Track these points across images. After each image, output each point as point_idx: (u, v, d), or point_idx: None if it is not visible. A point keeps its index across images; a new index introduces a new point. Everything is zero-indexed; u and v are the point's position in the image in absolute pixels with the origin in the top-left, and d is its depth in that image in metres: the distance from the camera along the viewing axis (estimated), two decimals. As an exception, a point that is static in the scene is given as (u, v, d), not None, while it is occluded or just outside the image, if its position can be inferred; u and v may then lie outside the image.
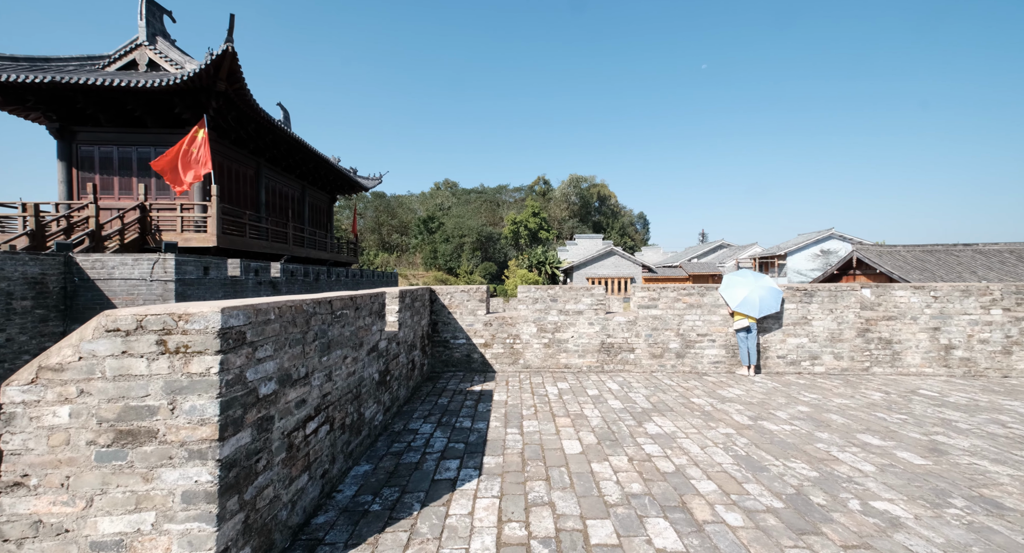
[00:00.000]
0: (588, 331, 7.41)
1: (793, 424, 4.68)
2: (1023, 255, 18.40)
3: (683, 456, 3.87)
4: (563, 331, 7.44)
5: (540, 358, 7.45)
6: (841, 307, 7.17)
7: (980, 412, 5.04)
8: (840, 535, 2.67)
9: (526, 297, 7.56)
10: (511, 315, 7.59)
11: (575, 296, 7.48)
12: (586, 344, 7.40)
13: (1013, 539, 2.61)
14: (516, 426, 4.68)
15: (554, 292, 7.52)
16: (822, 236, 32.72)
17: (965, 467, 3.60)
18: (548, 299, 7.50)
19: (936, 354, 7.01)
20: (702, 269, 37.41)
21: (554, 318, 7.47)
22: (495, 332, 7.52)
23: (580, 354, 7.41)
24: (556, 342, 7.44)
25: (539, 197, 69.54)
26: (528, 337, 7.48)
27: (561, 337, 7.44)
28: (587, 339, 7.41)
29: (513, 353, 7.49)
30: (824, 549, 2.54)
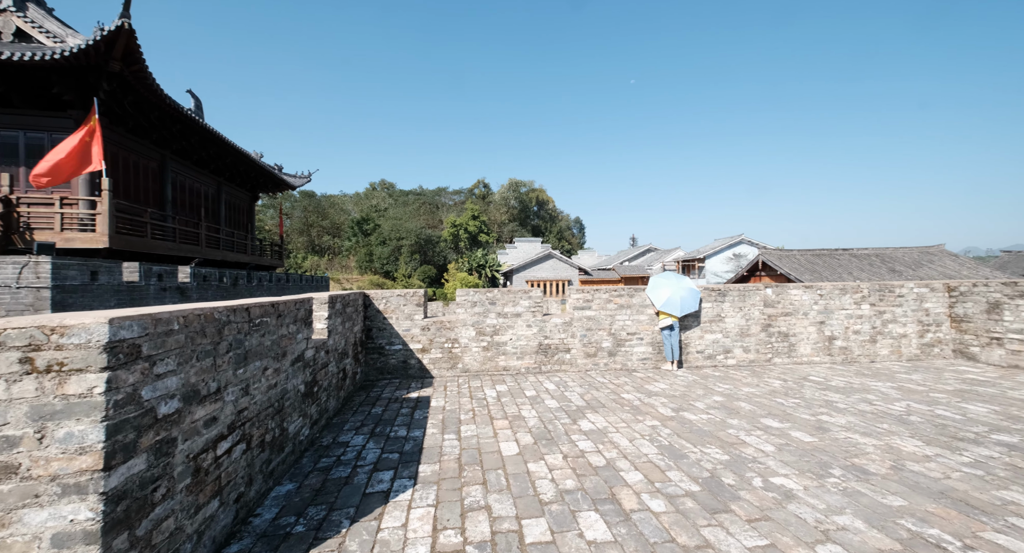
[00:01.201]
0: (526, 333, 7.54)
1: (709, 413, 5.13)
2: (886, 259, 21.78)
3: (614, 450, 4.07)
4: (502, 334, 7.50)
5: (479, 361, 7.44)
6: (749, 305, 8.00)
7: (854, 393, 5.88)
8: (745, 511, 2.97)
9: (465, 300, 7.52)
10: (450, 319, 7.50)
11: (513, 299, 7.58)
12: (524, 346, 7.52)
13: (875, 499, 3.08)
14: (454, 431, 4.62)
15: (493, 295, 7.56)
16: (734, 241, 36.27)
17: (842, 441, 4.17)
18: (487, 302, 7.52)
19: (822, 344, 8.06)
20: (632, 272, 39.73)
21: (493, 321, 7.50)
22: (433, 337, 7.38)
23: (518, 356, 7.51)
24: (495, 345, 7.48)
25: (479, 200, 69.58)
26: (467, 341, 7.44)
27: (500, 340, 7.49)
28: (525, 341, 7.53)
29: (452, 357, 7.40)
30: (732, 525, 2.81)
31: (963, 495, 3.11)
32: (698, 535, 2.70)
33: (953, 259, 22.22)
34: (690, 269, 38.15)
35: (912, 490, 3.20)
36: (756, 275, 24.15)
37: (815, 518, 2.86)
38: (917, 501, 3.05)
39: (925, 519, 2.82)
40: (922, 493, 3.16)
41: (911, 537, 2.63)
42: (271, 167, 21.65)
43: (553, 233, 67.16)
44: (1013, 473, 3.43)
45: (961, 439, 4.16)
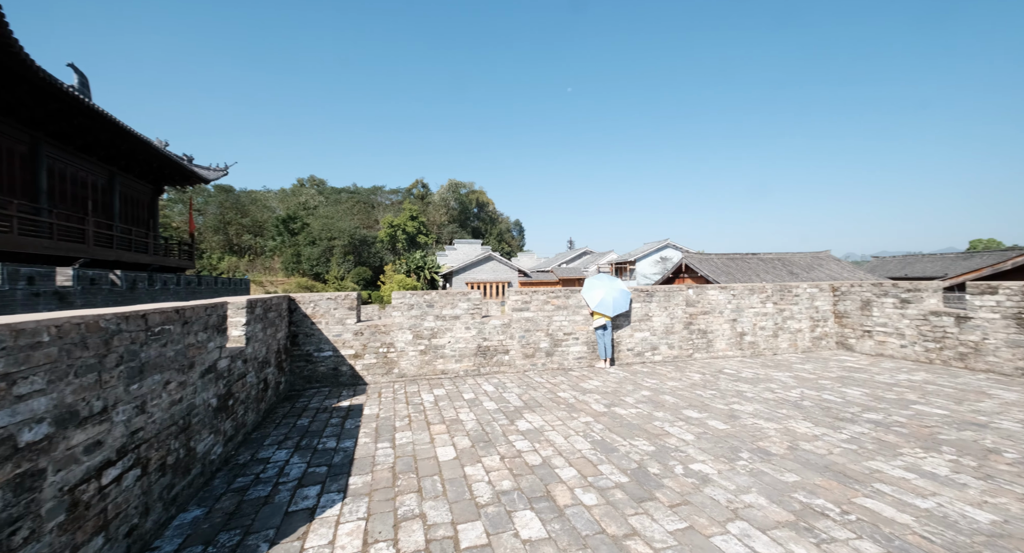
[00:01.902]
0: (465, 335, 7.48)
1: (638, 407, 5.44)
2: (785, 262, 24.60)
3: (549, 448, 4.17)
4: (440, 337, 7.37)
5: (416, 366, 7.25)
6: (673, 305, 8.62)
7: (760, 383, 6.57)
8: (668, 497, 3.19)
9: (401, 303, 7.29)
10: (385, 323, 7.22)
11: (452, 301, 7.49)
12: (463, 348, 7.46)
13: (775, 477, 3.46)
14: (388, 439, 4.45)
15: (431, 297, 7.41)
16: (661, 245, 38.96)
17: (750, 427, 4.64)
18: (424, 304, 7.35)
19: (735, 340, 8.92)
20: (570, 273, 41.12)
21: (431, 324, 7.35)
22: (367, 341, 7.06)
23: (457, 359, 7.43)
24: (433, 348, 7.33)
25: (417, 200, 67.99)
26: (403, 345, 7.21)
27: (438, 343, 7.36)
28: (464, 343, 7.47)
29: (387, 363, 7.13)
30: (656, 511, 3.00)
31: (842, 468, 3.60)
32: (626, 524, 2.85)
33: (836, 263, 25.73)
34: (622, 271, 40.29)
35: (804, 466, 3.64)
36: (680, 277, 26.13)
37: (727, 498, 3.14)
38: (807, 476, 3.47)
39: (813, 491, 3.22)
40: (811, 468, 3.60)
41: (802, 508, 2.99)
42: (178, 157, 19.42)
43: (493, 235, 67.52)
44: (879, 446, 4.04)
45: (841, 419, 4.81)
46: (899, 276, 31.30)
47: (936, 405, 5.22)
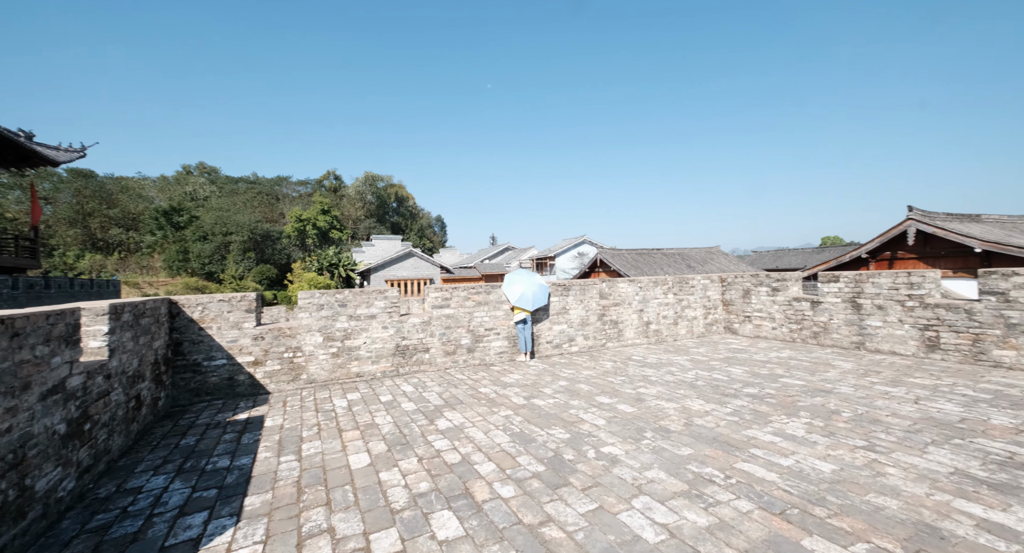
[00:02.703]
0: (382, 335, 7.15)
1: (555, 397, 5.65)
2: (684, 257, 27.35)
3: (469, 444, 4.15)
4: (354, 338, 6.95)
5: (327, 370, 6.76)
6: (588, 298, 9.10)
7: (662, 367, 7.23)
8: (581, 481, 3.35)
9: (310, 304, 6.72)
10: (292, 325, 6.61)
11: (368, 299, 7.09)
12: (380, 349, 7.12)
13: (673, 452, 3.82)
14: (293, 452, 4.08)
15: (343, 296, 6.94)
16: (578, 241, 41.00)
17: (653, 408, 5.08)
18: (336, 304, 6.87)
19: (642, 329, 9.70)
20: (493, 269, 41.49)
21: (344, 324, 6.89)
22: (269, 346, 6.40)
23: (374, 360, 7.07)
24: (346, 350, 6.89)
25: (330, 193, 63.43)
26: (313, 348, 6.67)
27: (352, 344, 6.93)
28: (381, 344, 7.13)
29: (294, 368, 6.54)
30: (570, 496, 3.14)
31: (726, 438, 4.10)
32: (542, 512, 2.94)
33: (725, 257, 29.29)
34: (543, 266, 41.67)
35: (696, 440, 4.07)
36: (595, 271, 27.76)
37: (632, 476, 3.40)
38: (699, 448, 3.89)
39: (703, 461, 3.62)
40: (703, 441, 4.04)
41: (694, 477, 3.34)
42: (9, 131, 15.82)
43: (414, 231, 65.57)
44: (755, 416, 4.67)
45: (726, 395, 5.48)
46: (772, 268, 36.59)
47: (797, 377, 6.18)
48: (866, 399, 5.05)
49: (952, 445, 3.71)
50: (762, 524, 2.70)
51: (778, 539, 2.55)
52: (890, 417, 4.43)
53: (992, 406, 4.64)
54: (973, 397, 4.96)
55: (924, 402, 4.86)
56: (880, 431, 4.08)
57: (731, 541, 2.55)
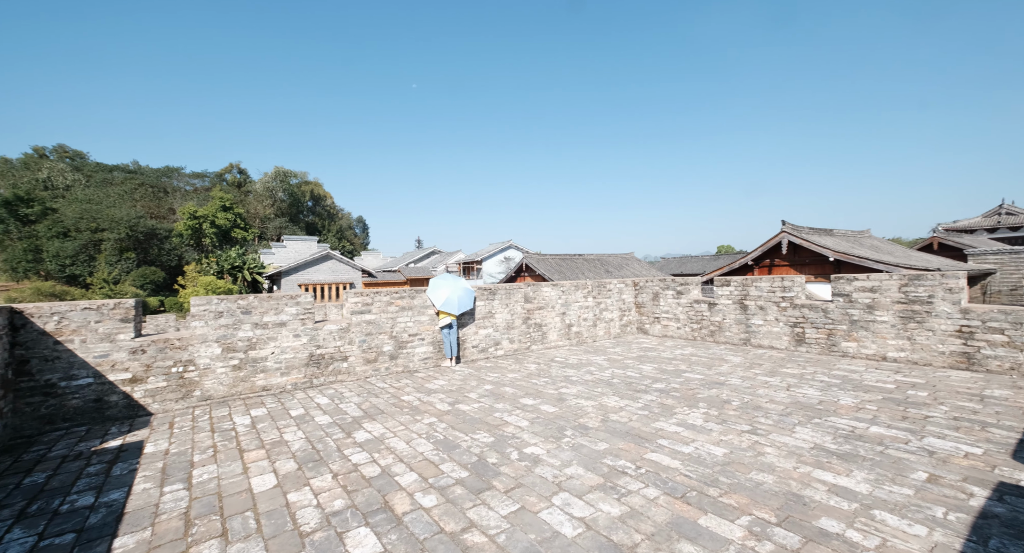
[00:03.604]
0: (293, 344, 6.59)
1: (480, 402, 5.66)
2: (603, 262, 29.07)
3: (390, 456, 3.98)
4: (260, 348, 6.32)
5: (227, 384, 6.05)
6: (513, 302, 9.27)
7: (582, 367, 7.60)
8: (504, 483, 3.39)
9: (206, 311, 5.98)
10: (183, 335, 5.81)
11: (276, 305, 6.49)
12: (291, 359, 6.55)
13: (591, 448, 4.04)
14: (181, 480, 3.58)
15: (247, 303, 6.28)
16: (504, 246, 41.61)
17: (573, 407, 5.32)
18: (239, 311, 6.19)
19: (564, 331, 10.12)
20: (418, 273, 40.42)
21: (247, 333, 6.23)
22: (153, 361, 5.56)
23: (283, 372, 6.48)
24: (251, 362, 6.23)
25: (233, 189, 57.10)
26: (209, 360, 5.93)
27: (258, 355, 6.29)
28: (292, 353, 6.57)
29: (184, 384, 5.76)
30: (493, 499, 3.15)
31: (637, 431, 4.43)
32: (464, 518, 2.91)
33: (639, 263, 31.73)
34: (470, 270, 41.58)
35: (612, 435, 4.34)
36: (521, 275, 28.37)
37: (553, 474, 3.52)
38: (614, 442, 4.15)
39: (618, 454, 3.87)
40: (617, 435, 4.32)
41: (609, 471, 3.55)
42: None
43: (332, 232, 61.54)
44: (662, 409, 5.11)
45: (638, 391, 5.93)
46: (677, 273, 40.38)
47: (697, 372, 6.88)
48: (751, 389, 5.78)
49: (813, 424, 4.40)
50: (666, 508, 2.95)
51: (679, 520, 2.81)
52: (769, 403, 5.13)
53: (841, 389, 5.59)
54: (827, 382, 5.93)
55: (793, 389, 5.70)
56: (761, 416, 4.70)
57: (640, 527, 2.75)
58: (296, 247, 37.28)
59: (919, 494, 3.00)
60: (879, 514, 2.79)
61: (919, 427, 4.21)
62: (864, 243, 18.31)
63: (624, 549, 2.53)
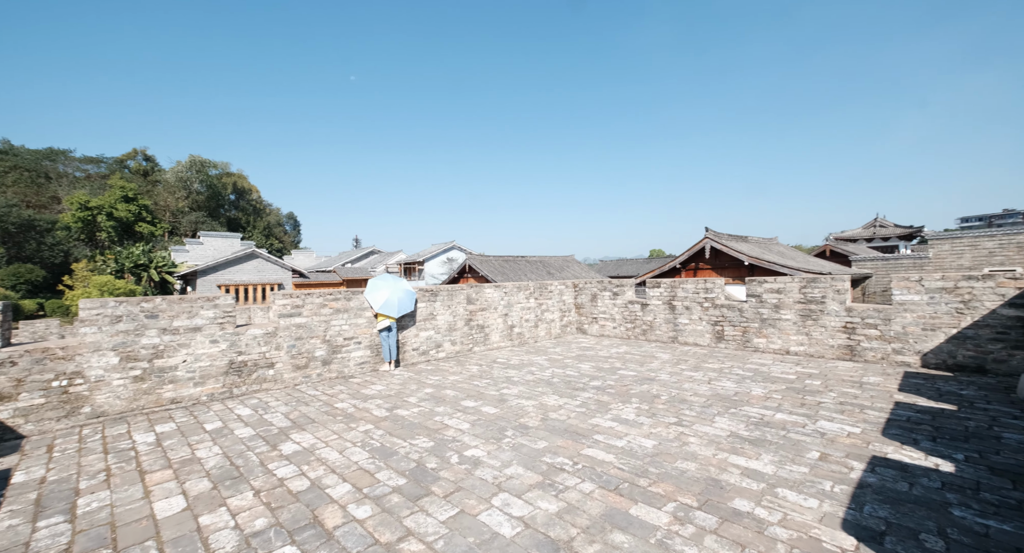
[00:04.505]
0: (210, 351, 5.98)
1: (421, 406, 5.52)
2: (546, 264, 29.73)
3: (321, 467, 3.75)
4: (169, 356, 5.66)
5: (126, 398, 5.34)
6: (455, 303, 9.17)
7: (524, 368, 7.71)
8: (443, 488, 3.33)
9: (99, 315, 5.24)
10: (67, 344, 5.04)
11: (190, 308, 5.86)
12: (207, 368, 5.94)
13: (531, 447, 4.10)
14: (62, 511, 3.10)
15: (153, 305, 5.60)
16: (447, 247, 41.08)
17: (514, 407, 5.37)
18: (142, 315, 5.50)
19: (506, 332, 10.19)
20: (355, 274, 38.59)
21: (153, 340, 5.55)
22: (26, 374, 4.76)
23: (197, 382, 5.86)
24: (156, 372, 5.56)
25: (138, 177, 50.71)
26: (102, 372, 5.20)
27: (165, 364, 5.63)
28: (208, 361, 5.96)
29: (69, 400, 4.99)
30: (432, 505, 3.09)
31: (575, 428, 4.57)
32: (401, 527, 2.82)
33: (579, 265, 32.88)
34: (411, 271, 40.52)
35: (551, 433, 4.45)
36: (464, 276, 28.16)
37: (493, 475, 3.52)
38: (553, 440, 4.25)
39: (556, 452, 3.96)
40: (556, 433, 4.43)
41: (548, 468, 3.63)
42: None
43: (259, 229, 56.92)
44: (598, 405, 5.32)
45: (576, 389, 6.13)
46: (615, 275, 42.38)
47: (630, 369, 7.26)
48: (677, 383, 6.22)
49: (729, 414, 4.82)
50: (601, 501, 3.08)
51: (612, 512, 2.94)
52: (693, 396, 5.54)
53: (753, 381, 6.19)
54: (742, 375, 6.55)
55: (714, 382, 6.21)
56: (686, 408, 5.06)
57: (576, 521, 2.84)
58: (215, 244, 33.99)
59: (813, 471, 3.41)
60: (781, 491, 3.12)
61: (814, 412, 4.78)
62: (772, 249, 20.48)
63: (561, 544, 2.60)
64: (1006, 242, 14.00)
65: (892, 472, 3.34)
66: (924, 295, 6.72)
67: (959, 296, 6.45)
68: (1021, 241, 13.75)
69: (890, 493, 3.04)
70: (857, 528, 2.66)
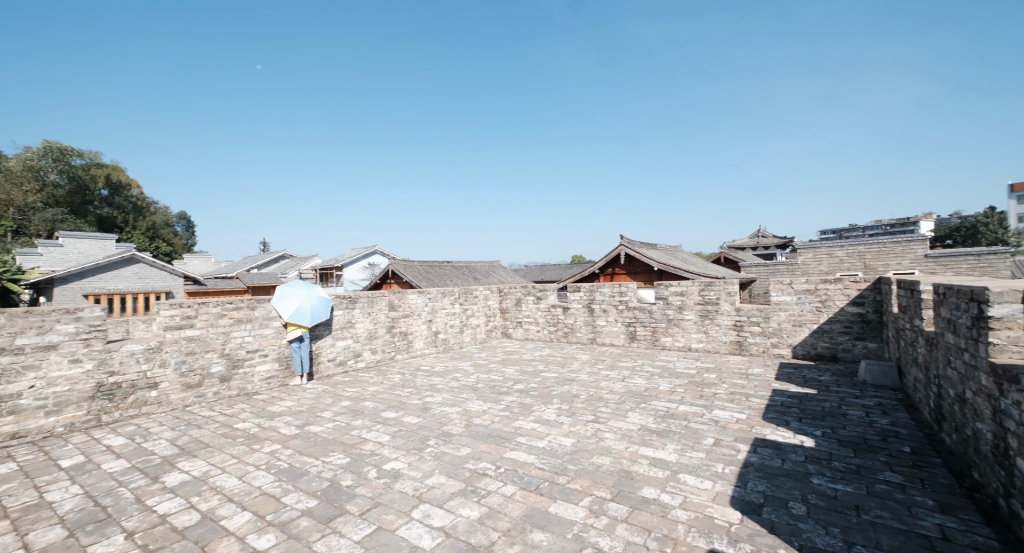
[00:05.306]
0: (69, 373, 5.03)
1: (336, 420, 5.17)
2: (472, 269, 29.72)
3: (215, 497, 3.33)
4: (8, 381, 4.65)
5: (-56, 437, 4.27)
6: (376, 310, 8.76)
7: (448, 374, 7.60)
8: (360, 506, 3.15)
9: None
10: None
11: (40, 323, 4.88)
12: (64, 393, 4.98)
13: (454, 454, 4.05)
14: None
15: (-14, 320, 4.57)
16: (369, 251, 39.19)
17: (438, 415, 5.26)
18: (-31, 332, 4.45)
19: (431, 339, 9.98)
20: (263, 280, 35.09)
21: (-15, 363, 4.52)
22: None
23: (51, 410, 4.89)
24: (-10, 402, 4.53)
25: (-32, 161, 41.21)
26: (-94, 406, 4.10)
27: (4, 392, 4.61)
28: (67, 385, 5.00)
29: None
30: (346, 525, 2.90)
31: (498, 432, 4.61)
32: (310, 552, 2.61)
33: (504, 270, 33.34)
34: (328, 277, 37.96)
35: (475, 438, 4.43)
36: (387, 283, 27.04)
37: (414, 487, 3.41)
38: (476, 446, 4.24)
39: (479, 457, 3.96)
40: (479, 439, 4.42)
41: (471, 475, 3.61)
42: None
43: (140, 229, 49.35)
44: (521, 408, 5.43)
45: (501, 393, 6.19)
46: (539, 280, 43.68)
47: (552, 371, 7.52)
48: (595, 383, 6.57)
49: (640, 409, 5.21)
50: (522, 502, 3.13)
51: (533, 512, 3.01)
52: (609, 394, 5.90)
53: (661, 377, 6.76)
54: (651, 372, 7.12)
55: (627, 380, 6.67)
56: (602, 406, 5.37)
57: (496, 525, 2.85)
58: (81, 247, 28.85)
59: (708, 456, 3.81)
60: (683, 477, 3.44)
61: (710, 403, 5.35)
62: (678, 256, 22.65)
63: (482, 550, 2.59)
64: (851, 251, 17.04)
65: (769, 451, 3.86)
66: (794, 296, 7.89)
67: (819, 297, 7.68)
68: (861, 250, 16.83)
69: (767, 470, 3.50)
70: (742, 503, 3.02)
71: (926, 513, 2.82)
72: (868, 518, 2.78)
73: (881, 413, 4.76)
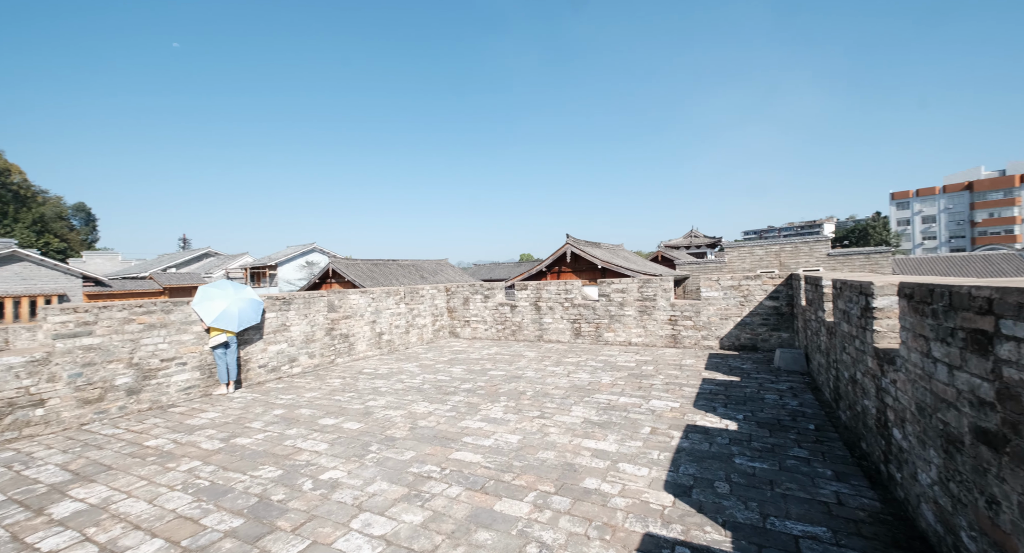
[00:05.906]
0: (-76, 392, 4.22)
1: (267, 430, 4.80)
2: (418, 268, 29.04)
3: (118, 525, 2.95)
4: None
5: None
6: (314, 311, 8.26)
7: (393, 376, 7.36)
8: (292, 520, 2.94)
9: None
10: None
11: None
12: (-82, 416, 4.17)
13: (397, 459, 3.92)
14: None
15: None
16: (306, 249, 36.93)
17: (381, 419, 5.07)
18: None
19: (374, 340, 9.60)
20: (182, 280, 31.82)
21: None
22: None
23: (-101, 438, 4.07)
24: None
25: None
26: None
27: None
28: (-79, 407, 4.19)
29: None
30: (276, 543, 2.70)
31: (444, 433, 4.53)
32: (234, 578, 2.39)
33: (452, 269, 32.92)
34: (261, 276, 35.30)
35: (419, 441, 4.32)
36: (328, 282, 25.64)
37: (353, 496, 3.25)
38: (421, 449, 4.13)
39: (424, 460, 3.86)
40: (424, 441, 4.32)
41: (415, 478, 3.51)
42: None
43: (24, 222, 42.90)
44: (468, 408, 5.38)
45: (447, 393, 6.09)
46: (488, 278, 43.64)
47: (500, 369, 7.54)
48: (541, 379, 6.67)
49: (584, 402, 5.37)
50: (467, 503, 3.10)
51: (478, 511, 2.98)
52: (554, 390, 6.01)
53: (603, 371, 7.02)
54: (595, 367, 7.37)
55: (572, 375, 6.85)
56: (548, 401, 5.46)
57: (441, 528, 2.80)
58: (-55, 241, 24.41)
59: (645, 444, 4.01)
60: (622, 465, 3.59)
61: (648, 393, 5.64)
62: (620, 254, 23.67)
63: (425, 556, 2.52)
64: (769, 250, 18.78)
65: (699, 436, 4.14)
66: (720, 292, 8.53)
67: (742, 292, 8.37)
68: (777, 250, 18.61)
69: (697, 453, 3.75)
70: (674, 487, 3.21)
71: (825, 482, 3.17)
72: (780, 491, 3.07)
73: (792, 396, 5.28)
